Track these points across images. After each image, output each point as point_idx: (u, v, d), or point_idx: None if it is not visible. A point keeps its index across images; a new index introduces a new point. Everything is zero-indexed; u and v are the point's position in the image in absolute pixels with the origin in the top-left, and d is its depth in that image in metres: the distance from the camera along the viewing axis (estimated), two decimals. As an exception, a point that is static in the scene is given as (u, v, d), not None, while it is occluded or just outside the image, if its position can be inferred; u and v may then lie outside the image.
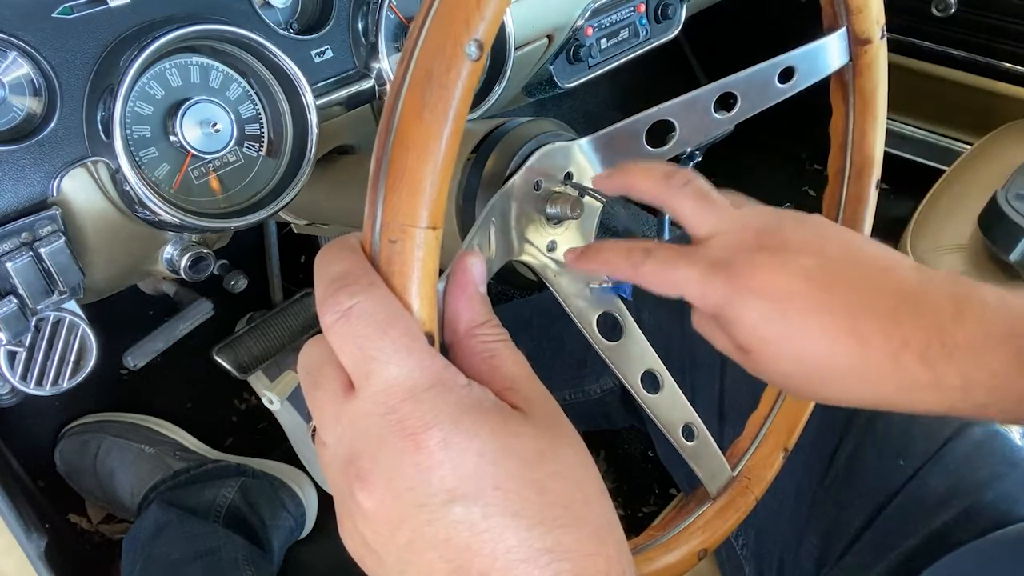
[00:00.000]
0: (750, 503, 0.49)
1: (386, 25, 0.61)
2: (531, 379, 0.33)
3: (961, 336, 0.34)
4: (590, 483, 0.31)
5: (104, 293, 0.64)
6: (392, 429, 0.28)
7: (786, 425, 0.52)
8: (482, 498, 0.28)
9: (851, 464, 0.63)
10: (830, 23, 0.49)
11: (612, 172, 0.42)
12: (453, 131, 0.30)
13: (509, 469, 0.29)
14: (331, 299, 0.30)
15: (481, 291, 0.35)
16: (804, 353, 0.36)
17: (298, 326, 1.01)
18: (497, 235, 0.39)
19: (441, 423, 0.28)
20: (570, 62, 0.83)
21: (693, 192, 0.40)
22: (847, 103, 0.51)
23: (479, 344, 0.33)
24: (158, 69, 0.53)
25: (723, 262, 0.37)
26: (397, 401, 0.29)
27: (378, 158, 0.31)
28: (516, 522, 0.28)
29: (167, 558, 0.89)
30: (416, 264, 0.30)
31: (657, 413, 0.44)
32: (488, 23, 0.29)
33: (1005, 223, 0.98)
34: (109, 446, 1.04)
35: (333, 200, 0.66)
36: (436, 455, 0.28)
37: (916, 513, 0.58)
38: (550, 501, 0.29)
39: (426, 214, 0.30)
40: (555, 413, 0.32)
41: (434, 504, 0.28)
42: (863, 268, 0.37)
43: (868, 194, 0.52)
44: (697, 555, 0.47)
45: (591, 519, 0.30)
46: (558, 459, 0.30)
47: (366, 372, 0.29)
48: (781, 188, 1.60)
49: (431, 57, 0.29)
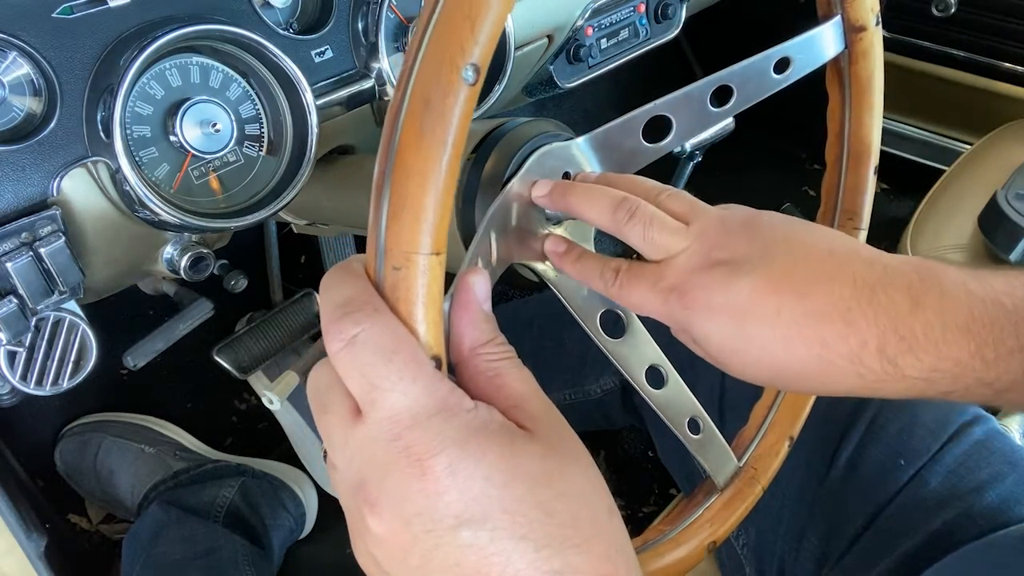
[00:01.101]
0: (757, 493, 0.49)
1: (386, 25, 0.61)
2: (537, 396, 0.33)
3: (920, 329, 0.34)
4: (599, 501, 0.31)
5: (104, 293, 0.64)
6: (398, 456, 0.29)
7: (791, 413, 0.51)
8: (489, 522, 0.28)
9: (852, 464, 0.63)
10: (824, 11, 0.49)
11: (552, 189, 0.40)
12: (453, 156, 0.30)
13: (516, 492, 0.29)
14: (336, 326, 0.30)
15: (485, 309, 0.35)
16: (769, 360, 0.36)
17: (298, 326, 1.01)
18: (498, 240, 0.39)
19: (447, 449, 0.29)
20: (570, 62, 0.83)
21: (641, 222, 0.39)
22: (843, 91, 0.51)
23: (484, 363, 0.33)
24: (158, 69, 0.53)
25: (677, 286, 0.38)
26: (403, 428, 0.29)
27: (379, 186, 0.31)
28: (524, 545, 0.28)
29: (167, 558, 0.89)
30: (421, 291, 0.31)
31: (662, 408, 0.44)
32: (483, 47, 0.29)
33: (1005, 223, 0.97)
34: (109, 446, 1.04)
35: (333, 200, 0.66)
36: (443, 481, 0.28)
37: (916, 513, 0.58)
38: (558, 522, 0.29)
39: (429, 240, 0.30)
40: (562, 430, 0.32)
41: (442, 529, 0.28)
42: (813, 269, 0.36)
43: (866, 182, 0.52)
44: (707, 547, 0.47)
45: (600, 538, 0.30)
46: (565, 479, 0.30)
47: (372, 400, 0.30)
48: (781, 188, 1.60)
49: (428, 84, 0.30)
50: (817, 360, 0.35)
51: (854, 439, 0.63)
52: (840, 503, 0.63)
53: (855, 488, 0.62)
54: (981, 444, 0.60)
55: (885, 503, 0.60)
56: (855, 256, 0.36)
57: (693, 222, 0.39)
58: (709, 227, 0.39)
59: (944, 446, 0.60)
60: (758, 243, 0.37)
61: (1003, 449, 0.60)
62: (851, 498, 0.62)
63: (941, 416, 0.62)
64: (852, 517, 0.61)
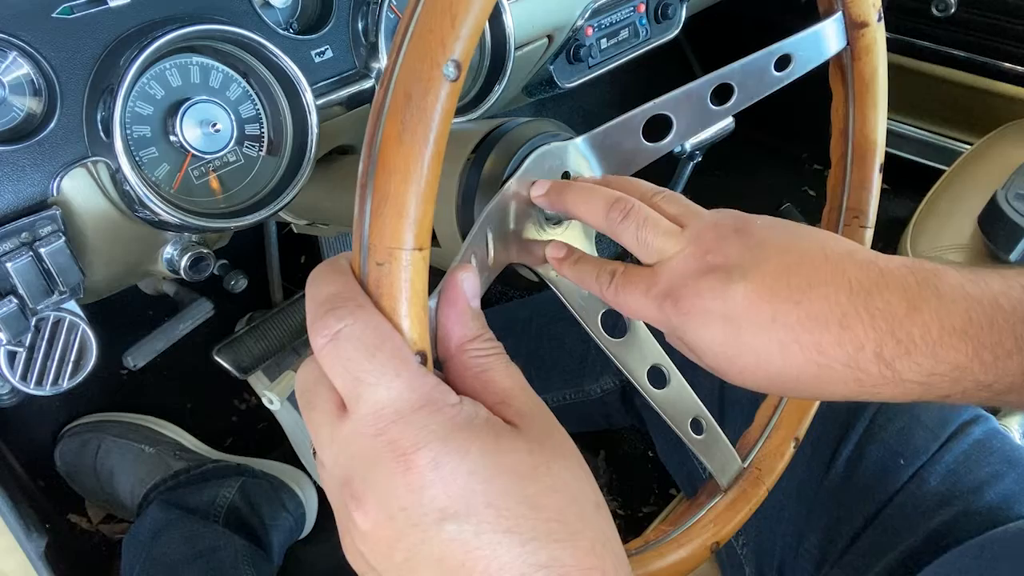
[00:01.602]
0: (762, 494, 0.49)
1: (386, 25, 0.61)
2: (524, 391, 0.33)
3: (917, 333, 0.34)
4: (585, 496, 0.31)
5: (104, 293, 0.64)
6: (383, 450, 0.29)
7: (796, 414, 0.51)
8: (474, 516, 0.28)
9: (852, 464, 0.63)
10: (826, 8, 0.49)
11: (550, 188, 0.40)
12: (435, 152, 0.30)
13: (500, 486, 0.29)
14: (320, 322, 0.31)
15: (473, 305, 0.35)
16: (765, 367, 0.36)
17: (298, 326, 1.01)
18: (496, 240, 0.39)
19: (431, 443, 0.29)
20: (570, 62, 0.83)
21: (635, 223, 0.39)
22: (846, 88, 0.50)
23: (471, 359, 0.33)
24: (158, 69, 0.53)
25: (671, 292, 0.37)
26: (387, 423, 0.29)
27: (362, 183, 0.31)
28: (509, 539, 0.28)
29: (167, 558, 0.89)
30: (404, 285, 0.31)
31: (665, 408, 0.44)
32: (465, 42, 0.29)
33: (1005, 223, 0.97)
34: (109, 446, 1.04)
35: (333, 200, 0.66)
36: (427, 475, 0.28)
37: (916, 513, 0.58)
38: (544, 516, 0.29)
39: (411, 236, 0.30)
40: (549, 425, 0.32)
41: (427, 523, 0.28)
42: (807, 274, 0.36)
43: (872, 179, 0.51)
44: (710, 548, 0.47)
45: (587, 533, 0.30)
46: (552, 473, 0.30)
47: (356, 394, 0.30)
48: (781, 188, 1.60)
49: (409, 80, 0.30)
50: (814, 366, 0.35)
51: (854, 439, 0.63)
52: (840, 502, 0.63)
53: (855, 488, 0.62)
54: (981, 443, 0.60)
55: (885, 502, 0.60)
56: (850, 259, 0.36)
57: (687, 225, 0.39)
58: (703, 231, 0.38)
59: (944, 445, 0.61)
60: (752, 248, 0.37)
61: (1003, 448, 0.60)
62: (851, 498, 0.62)
63: (941, 416, 0.62)
64: (852, 516, 0.61)
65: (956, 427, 0.61)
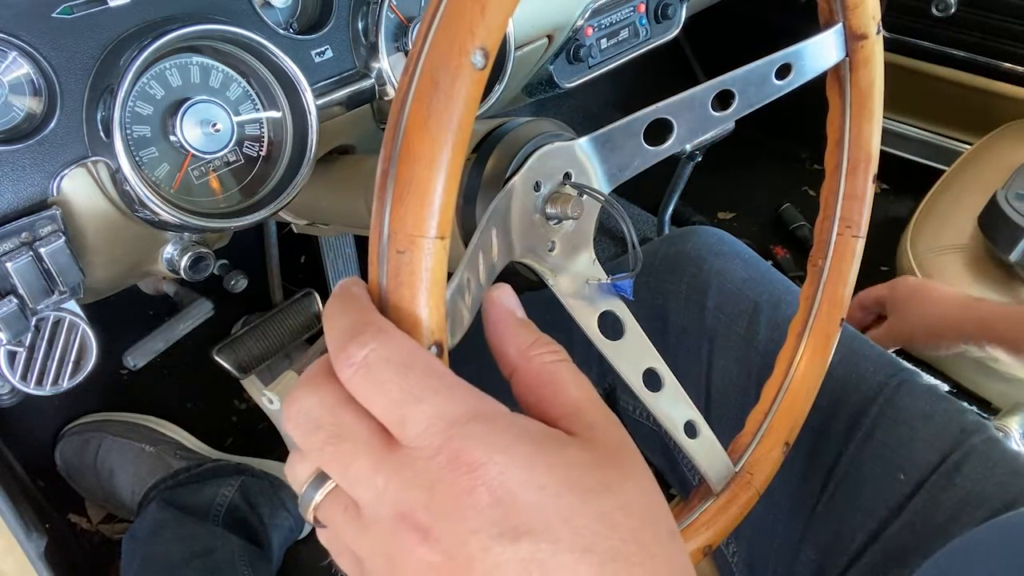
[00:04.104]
0: (752, 497, 0.49)
1: (386, 25, 0.61)
2: (594, 403, 0.31)
3: None
4: (661, 519, 0.29)
5: (104, 293, 0.64)
6: (442, 472, 0.26)
7: (787, 420, 0.51)
8: (550, 533, 0.26)
9: (849, 478, 0.62)
10: (826, 19, 0.49)
11: None
12: (459, 140, 0.30)
13: (573, 502, 0.26)
14: (343, 353, 0.29)
15: (520, 316, 0.33)
16: None
17: (298, 326, 1.01)
18: (498, 236, 0.39)
19: (493, 457, 0.26)
20: (570, 62, 0.83)
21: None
22: (843, 99, 0.51)
23: (538, 367, 0.31)
24: (158, 69, 0.53)
25: None
26: (441, 441, 0.27)
27: (384, 170, 0.30)
28: (588, 559, 0.26)
29: (164, 557, 0.89)
30: (425, 275, 0.30)
31: (658, 411, 0.44)
32: (493, 31, 0.29)
33: (1005, 223, 0.98)
34: (109, 446, 1.04)
35: (333, 200, 0.66)
36: (496, 492, 0.26)
37: (926, 529, 0.57)
38: (621, 536, 0.27)
39: (434, 224, 0.30)
40: (621, 441, 0.30)
41: (501, 545, 0.26)
42: None
43: (865, 190, 0.52)
44: (702, 551, 0.47)
45: (665, 559, 0.27)
46: (624, 491, 0.28)
47: (400, 417, 0.27)
48: (781, 188, 1.60)
49: (436, 67, 0.29)
50: None
51: (851, 452, 0.63)
52: (838, 518, 0.62)
53: (853, 503, 0.61)
54: (982, 455, 0.60)
55: (889, 518, 0.59)
56: None
57: None
58: None
59: (945, 459, 0.60)
60: None
61: (1003, 458, 0.60)
62: (849, 513, 0.61)
63: (938, 427, 0.62)
64: (852, 532, 0.61)
65: (955, 439, 0.61)
